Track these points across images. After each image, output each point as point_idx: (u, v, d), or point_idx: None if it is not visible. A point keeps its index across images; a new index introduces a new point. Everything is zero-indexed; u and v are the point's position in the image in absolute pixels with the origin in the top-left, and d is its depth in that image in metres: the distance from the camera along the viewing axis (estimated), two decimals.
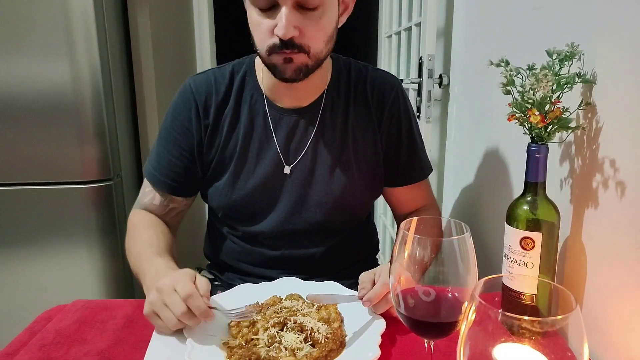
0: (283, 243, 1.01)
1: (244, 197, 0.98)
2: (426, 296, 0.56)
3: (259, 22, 0.84)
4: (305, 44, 0.84)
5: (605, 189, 0.67)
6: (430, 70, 1.41)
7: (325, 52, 0.89)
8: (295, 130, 0.98)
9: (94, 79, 1.45)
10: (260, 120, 0.98)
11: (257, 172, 0.98)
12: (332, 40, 0.90)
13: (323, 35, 0.86)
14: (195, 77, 1.01)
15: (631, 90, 0.62)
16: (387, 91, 1.02)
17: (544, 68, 0.68)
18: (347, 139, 0.99)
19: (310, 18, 0.83)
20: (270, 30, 0.83)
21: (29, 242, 1.52)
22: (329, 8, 0.85)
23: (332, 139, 0.99)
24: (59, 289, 1.54)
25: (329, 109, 0.99)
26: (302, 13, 0.82)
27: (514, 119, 0.70)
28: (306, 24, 0.83)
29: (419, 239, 0.55)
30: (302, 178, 0.98)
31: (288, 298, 0.81)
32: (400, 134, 1.03)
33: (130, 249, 0.95)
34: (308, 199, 0.99)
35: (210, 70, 1.02)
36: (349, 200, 1.00)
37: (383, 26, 2.18)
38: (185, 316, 0.70)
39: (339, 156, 0.99)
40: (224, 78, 0.99)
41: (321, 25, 0.85)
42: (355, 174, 0.99)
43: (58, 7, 1.40)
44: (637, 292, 0.61)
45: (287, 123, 0.98)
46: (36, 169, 1.48)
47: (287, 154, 0.98)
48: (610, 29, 0.67)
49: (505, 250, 0.71)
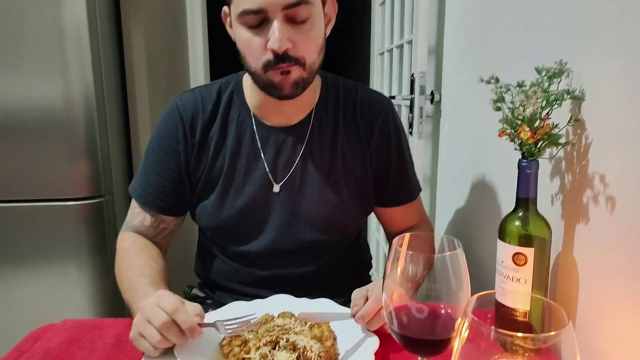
0: (274, 262, 1.00)
1: (232, 216, 0.97)
2: (419, 313, 0.56)
3: (250, 40, 0.84)
4: (300, 56, 0.84)
5: (595, 204, 0.67)
6: (422, 87, 1.42)
7: (318, 63, 0.89)
8: (283, 148, 0.97)
9: (86, 95, 1.45)
10: (248, 139, 0.97)
11: (245, 191, 0.97)
12: (323, 52, 0.90)
13: (315, 46, 0.87)
14: (181, 96, 1.00)
15: (619, 106, 0.63)
16: (377, 111, 1.01)
17: (533, 85, 0.69)
18: (336, 157, 0.99)
19: (301, 31, 0.84)
20: (263, 47, 0.83)
21: (17, 260, 1.50)
22: (317, 20, 0.86)
23: (321, 157, 0.98)
24: (48, 307, 1.51)
25: (317, 127, 0.99)
26: (293, 26, 0.83)
27: (505, 135, 0.71)
28: (298, 36, 0.83)
29: (411, 255, 0.55)
30: (291, 196, 0.97)
31: (280, 316, 0.80)
32: (390, 155, 1.02)
33: (122, 277, 0.92)
34: (298, 217, 0.98)
35: (197, 89, 1.01)
36: (339, 218, 0.99)
37: (375, 44, 2.21)
38: (170, 331, 0.68)
39: (328, 174, 0.98)
40: (211, 97, 0.99)
41: (312, 36, 0.85)
42: (344, 192, 0.99)
43: (51, 23, 1.40)
44: (628, 307, 0.61)
45: (275, 141, 0.97)
46: (26, 186, 1.46)
47: (275, 172, 0.97)
48: (597, 46, 0.68)
49: (498, 266, 0.71)
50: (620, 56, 0.63)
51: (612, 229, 0.64)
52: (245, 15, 0.82)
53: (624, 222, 0.62)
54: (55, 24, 1.41)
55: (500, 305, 0.69)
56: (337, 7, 0.94)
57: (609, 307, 0.65)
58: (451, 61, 1.36)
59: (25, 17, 1.39)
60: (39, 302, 1.51)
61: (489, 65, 1.08)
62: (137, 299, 0.82)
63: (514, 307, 0.67)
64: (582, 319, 0.71)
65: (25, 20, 1.39)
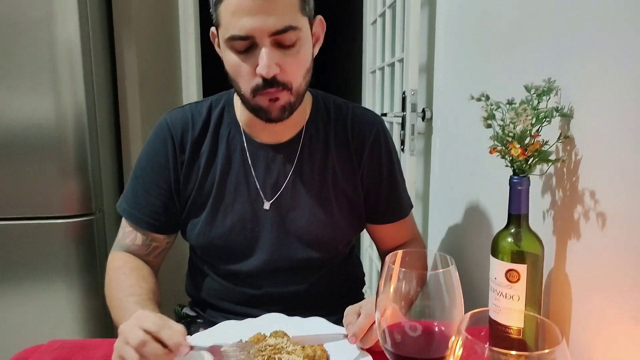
0: (265, 281, 0.98)
1: (222, 234, 0.96)
2: (412, 331, 0.55)
3: (239, 65, 0.84)
4: (287, 81, 0.85)
5: (586, 220, 0.68)
6: (414, 105, 1.43)
7: (304, 86, 0.90)
8: (273, 165, 0.97)
9: (78, 113, 1.45)
10: (238, 156, 0.97)
11: (235, 209, 0.96)
12: (310, 73, 0.91)
13: (302, 69, 0.87)
14: (171, 113, 1.00)
15: (606, 123, 0.64)
16: (368, 129, 1.01)
17: (522, 103, 0.70)
18: (327, 175, 0.98)
19: (289, 55, 0.84)
20: (252, 72, 0.83)
21: (4, 278, 1.47)
22: (305, 42, 0.86)
23: (312, 175, 0.98)
24: (36, 327, 1.48)
25: (307, 145, 0.99)
26: (281, 50, 0.83)
27: (496, 152, 0.72)
28: (286, 60, 0.83)
29: (404, 273, 0.55)
30: (282, 214, 0.97)
31: (272, 335, 0.79)
32: (381, 173, 1.02)
33: (111, 297, 0.92)
34: (289, 235, 0.97)
35: (187, 106, 1.01)
36: (330, 236, 0.99)
37: (367, 62, 2.23)
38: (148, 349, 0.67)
39: (319, 192, 0.98)
40: (201, 114, 0.98)
41: (300, 60, 0.86)
42: (335, 209, 0.98)
43: (44, 42, 1.41)
44: (622, 323, 0.61)
45: (265, 158, 0.97)
46: (15, 204, 1.45)
47: (265, 189, 0.97)
48: (584, 64, 0.69)
49: (491, 282, 0.71)
50: (607, 74, 0.64)
51: (603, 245, 0.64)
52: (233, 41, 0.82)
53: (614, 238, 0.63)
54: (48, 42, 1.41)
55: (494, 323, 0.68)
56: (325, 26, 0.95)
57: (603, 323, 0.65)
58: (442, 79, 1.38)
59: (18, 35, 1.39)
60: (26, 322, 1.48)
61: (479, 82, 1.09)
62: (124, 319, 0.81)
63: (508, 324, 0.67)
64: (576, 336, 0.70)
65: (18, 39, 1.39)
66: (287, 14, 0.81)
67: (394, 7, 1.65)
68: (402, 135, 1.50)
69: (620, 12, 0.62)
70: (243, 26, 0.80)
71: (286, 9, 0.81)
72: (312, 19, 0.90)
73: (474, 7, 1.15)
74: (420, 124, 1.51)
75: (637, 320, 0.58)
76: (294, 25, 0.82)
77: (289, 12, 0.81)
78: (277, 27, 0.80)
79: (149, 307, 0.84)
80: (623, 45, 0.61)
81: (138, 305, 0.84)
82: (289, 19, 0.81)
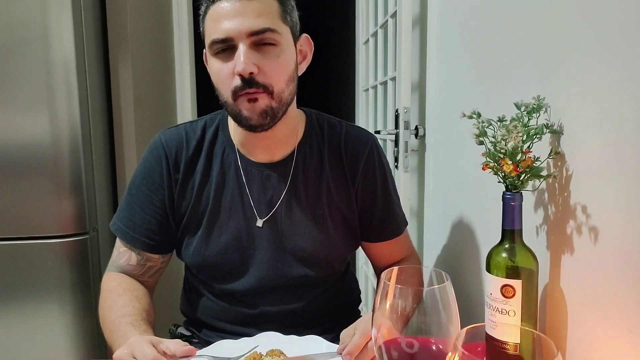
0: (261, 300, 0.98)
1: (217, 253, 0.96)
2: (409, 348, 0.55)
3: (220, 69, 0.86)
4: (267, 82, 0.85)
5: (579, 235, 0.68)
6: (406, 122, 1.45)
7: (287, 94, 0.89)
8: (267, 184, 0.97)
9: (73, 132, 1.45)
10: (232, 174, 0.97)
11: (230, 227, 0.96)
12: (293, 83, 0.91)
13: (283, 73, 0.87)
14: (165, 132, 1.00)
15: (595, 139, 0.65)
16: (362, 147, 1.02)
17: (513, 120, 0.71)
18: (321, 193, 0.99)
19: (269, 56, 0.85)
20: (231, 73, 0.84)
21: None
22: (286, 49, 0.88)
23: (306, 193, 0.98)
24: (28, 348, 1.46)
25: (301, 164, 0.99)
26: (260, 51, 0.84)
27: (488, 168, 0.73)
28: (265, 62, 0.84)
29: (400, 289, 0.55)
30: (277, 232, 0.97)
31: (269, 354, 0.79)
32: (375, 190, 1.03)
33: (104, 318, 0.91)
34: (284, 253, 0.97)
35: (181, 125, 1.02)
36: (325, 254, 0.99)
37: (360, 80, 2.26)
38: None
39: (313, 210, 0.98)
40: (195, 132, 0.99)
41: (280, 63, 0.86)
42: (330, 227, 0.99)
43: (40, 61, 1.41)
44: (617, 338, 0.61)
45: (259, 176, 0.97)
46: (8, 223, 1.44)
47: (260, 207, 0.97)
48: (572, 83, 0.71)
49: (487, 298, 0.71)
50: (595, 91, 0.65)
51: (596, 260, 0.65)
52: (214, 45, 0.84)
53: (607, 253, 0.63)
54: (43, 61, 1.41)
55: (490, 338, 0.68)
56: (312, 45, 0.97)
57: (599, 337, 0.65)
58: (434, 96, 1.40)
59: (13, 53, 1.40)
60: (19, 342, 1.46)
61: (471, 100, 1.11)
62: (117, 341, 0.81)
63: (504, 340, 0.67)
64: (572, 351, 0.71)
65: (13, 57, 1.40)
66: (266, 17, 0.84)
67: (386, 27, 1.68)
68: (396, 152, 1.52)
69: (608, 31, 0.63)
70: (222, 29, 0.83)
71: (264, 13, 0.84)
72: (297, 34, 0.92)
73: (464, 26, 1.17)
74: (414, 141, 1.52)
75: (634, 334, 0.58)
76: (273, 27, 0.84)
77: (268, 16, 0.84)
78: (254, 27, 0.82)
79: (142, 327, 0.84)
80: (610, 63, 0.63)
81: (131, 326, 0.83)
82: (267, 22, 0.84)
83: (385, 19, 1.67)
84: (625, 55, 0.59)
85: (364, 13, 2.14)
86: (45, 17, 1.41)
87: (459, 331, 0.47)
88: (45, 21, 1.41)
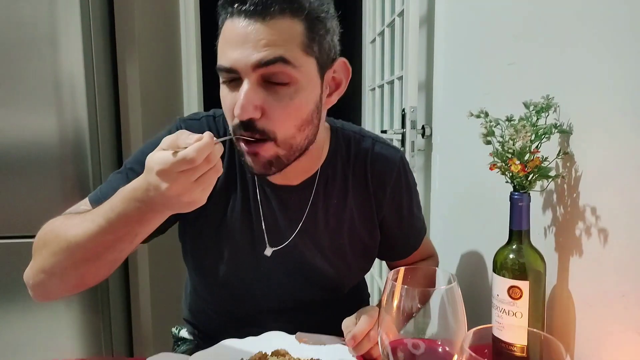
0: (270, 320, 0.91)
1: (227, 274, 0.89)
2: (415, 349, 0.55)
3: (224, 97, 0.74)
4: (269, 129, 0.71)
5: (588, 236, 0.67)
6: (413, 122, 1.44)
7: (301, 140, 0.76)
8: (284, 209, 0.88)
9: (80, 132, 1.46)
10: (250, 194, 0.87)
11: (237, 251, 0.88)
12: (311, 125, 0.77)
13: (294, 119, 0.73)
14: (186, 122, 0.88)
15: (605, 139, 0.64)
16: (389, 170, 0.91)
17: (522, 119, 0.71)
18: (343, 222, 0.90)
19: (279, 98, 0.71)
20: (232, 109, 0.71)
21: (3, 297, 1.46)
22: (305, 87, 0.73)
23: (326, 221, 0.89)
24: (35, 347, 1.47)
25: (322, 188, 0.89)
26: (269, 90, 0.71)
27: (496, 168, 0.72)
28: (272, 104, 0.71)
29: (407, 290, 0.54)
30: (289, 260, 0.89)
31: (274, 354, 0.79)
32: (402, 215, 0.95)
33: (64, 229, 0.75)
34: (295, 280, 0.91)
35: (204, 117, 0.88)
36: (338, 280, 0.94)
37: (367, 80, 2.25)
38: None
39: (333, 238, 0.90)
40: (219, 132, 0.87)
41: (292, 106, 0.72)
42: (349, 256, 0.92)
43: (48, 61, 1.42)
44: (625, 339, 0.60)
45: (275, 200, 0.87)
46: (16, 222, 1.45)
47: (272, 235, 0.88)
48: (582, 82, 0.70)
49: (494, 300, 0.71)
50: (605, 90, 0.65)
51: (605, 261, 0.64)
52: (220, 72, 0.73)
53: (616, 255, 0.62)
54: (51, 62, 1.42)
55: (497, 340, 0.68)
56: (350, 71, 0.83)
57: (606, 340, 0.65)
58: (441, 96, 1.39)
59: (21, 54, 1.41)
60: (26, 340, 1.46)
61: (478, 99, 1.10)
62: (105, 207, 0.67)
63: (512, 341, 0.66)
64: (580, 352, 0.70)
65: (21, 58, 1.41)
66: (280, 47, 0.69)
67: (393, 26, 1.67)
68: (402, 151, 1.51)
69: (617, 29, 0.63)
70: (228, 57, 0.70)
71: (280, 41, 0.69)
72: (330, 62, 0.78)
73: (472, 25, 1.16)
74: (420, 141, 1.51)
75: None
76: (286, 58, 0.69)
77: (284, 45, 0.69)
78: (261, 58, 0.68)
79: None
80: (620, 62, 0.62)
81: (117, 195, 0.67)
82: (280, 50, 0.69)
83: (392, 18, 1.67)
84: (636, 55, 0.59)
85: (371, 12, 2.13)
86: (53, 16, 1.42)
87: (465, 333, 0.47)
88: (53, 20, 1.42)
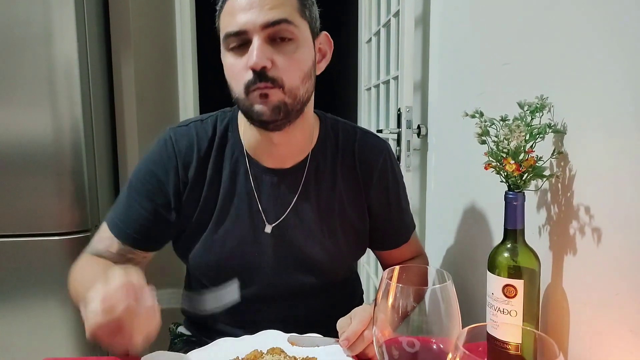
0: (265, 306, 0.96)
1: (221, 259, 0.93)
2: (410, 347, 0.55)
3: (234, 64, 0.83)
4: (279, 77, 0.82)
5: (582, 235, 0.68)
6: (409, 121, 1.45)
7: (303, 92, 0.86)
8: (277, 191, 0.94)
9: (75, 129, 1.45)
10: (242, 179, 0.94)
11: (235, 233, 0.93)
12: (310, 81, 0.87)
13: (298, 70, 0.84)
14: (176, 130, 0.96)
15: (599, 139, 0.65)
16: (375, 157, 0.99)
17: (516, 119, 0.71)
18: (334, 204, 0.96)
19: (284, 51, 0.82)
20: (244, 68, 0.82)
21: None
22: (303, 45, 0.85)
23: (317, 203, 0.95)
24: (29, 346, 1.46)
25: (313, 172, 0.95)
26: (275, 46, 0.82)
27: (491, 168, 0.72)
28: (280, 57, 0.82)
29: (401, 288, 0.55)
30: (284, 241, 0.94)
31: (269, 352, 0.79)
32: (389, 202, 1.00)
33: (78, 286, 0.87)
34: (290, 262, 0.94)
35: (192, 124, 0.97)
36: (332, 264, 0.97)
37: (363, 79, 2.25)
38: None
39: (324, 221, 0.95)
40: (206, 133, 0.95)
41: (295, 59, 0.83)
42: (341, 239, 0.96)
43: (43, 58, 1.41)
44: (619, 338, 0.61)
45: (269, 183, 0.94)
46: (10, 220, 1.44)
47: (268, 215, 0.94)
48: (576, 82, 0.70)
49: (489, 298, 0.71)
50: (599, 91, 0.65)
51: (599, 260, 0.65)
52: (229, 39, 0.82)
53: (610, 254, 0.63)
54: (46, 58, 1.42)
55: (491, 338, 0.68)
56: (332, 43, 0.94)
57: (600, 338, 0.65)
58: (436, 96, 1.40)
59: (16, 51, 1.40)
60: (20, 339, 1.46)
61: (473, 99, 1.11)
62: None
63: (506, 340, 0.67)
64: (574, 351, 0.70)
65: (16, 54, 1.40)
66: (282, 9, 0.81)
67: (389, 26, 1.68)
68: (398, 151, 1.51)
69: (612, 30, 0.63)
70: (237, 22, 0.80)
71: (281, 5, 0.81)
72: (316, 31, 0.90)
73: (467, 25, 1.17)
74: (416, 140, 1.52)
75: (635, 334, 0.58)
76: (289, 19, 0.81)
77: (285, 8, 0.81)
78: (269, 19, 0.80)
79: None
80: (614, 62, 0.62)
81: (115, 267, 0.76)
82: (284, 13, 0.81)
83: (388, 18, 1.67)
84: (630, 55, 0.59)
85: (366, 12, 2.13)
86: (47, 15, 1.41)
87: (460, 331, 0.47)
88: (48, 19, 1.42)
